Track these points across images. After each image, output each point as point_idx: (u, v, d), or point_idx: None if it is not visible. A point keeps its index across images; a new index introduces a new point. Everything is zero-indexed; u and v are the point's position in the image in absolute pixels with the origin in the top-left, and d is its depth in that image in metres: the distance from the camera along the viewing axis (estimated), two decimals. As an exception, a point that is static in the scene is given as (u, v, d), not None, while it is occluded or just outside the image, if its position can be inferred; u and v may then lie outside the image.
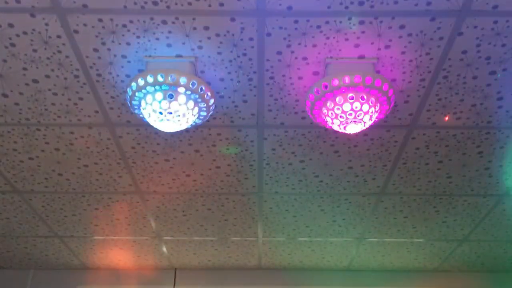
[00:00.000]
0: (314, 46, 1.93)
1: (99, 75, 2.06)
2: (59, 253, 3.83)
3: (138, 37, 1.88)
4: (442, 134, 2.42)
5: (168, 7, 1.75)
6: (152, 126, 2.39)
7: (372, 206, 3.11)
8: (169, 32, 1.86)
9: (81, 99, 2.20)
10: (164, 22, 1.81)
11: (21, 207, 3.13)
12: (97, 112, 2.29)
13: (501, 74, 2.04)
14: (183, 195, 3.00)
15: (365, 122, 1.98)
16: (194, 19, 1.81)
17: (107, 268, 4.11)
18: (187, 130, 2.41)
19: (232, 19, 1.81)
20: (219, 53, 1.96)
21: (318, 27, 1.84)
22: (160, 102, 1.88)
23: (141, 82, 1.86)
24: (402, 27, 1.83)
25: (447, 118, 2.31)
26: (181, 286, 4.06)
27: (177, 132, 2.42)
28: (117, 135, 2.45)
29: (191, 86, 1.87)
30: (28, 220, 3.31)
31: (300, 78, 2.09)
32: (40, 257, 3.90)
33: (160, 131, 2.42)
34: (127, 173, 2.76)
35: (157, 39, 1.89)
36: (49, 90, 2.15)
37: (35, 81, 2.09)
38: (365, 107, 1.91)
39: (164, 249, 3.75)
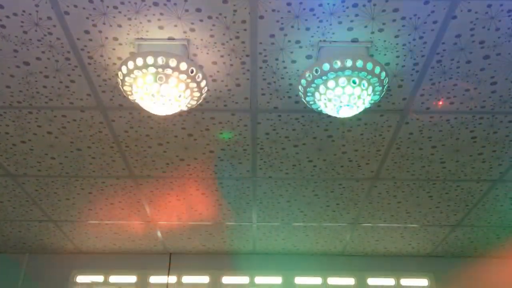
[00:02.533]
0: (307, 29, 1.91)
1: (90, 57, 2.04)
2: (53, 238, 3.83)
3: (129, 19, 1.86)
4: (436, 119, 2.42)
5: (159, -12, 1.73)
6: (145, 110, 2.38)
7: (366, 191, 3.12)
8: (161, 14, 1.84)
9: (72, 81, 2.18)
10: (156, 4, 1.79)
11: (15, 191, 3.13)
12: (89, 95, 2.27)
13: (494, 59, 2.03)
14: (176, 179, 3.00)
15: (358, 106, 1.97)
16: (186, 0, 1.79)
17: (102, 252, 4.12)
18: (180, 114, 2.40)
19: (225, 1, 1.79)
20: (211, 35, 1.94)
21: (311, 9, 1.82)
22: (151, 85, 1.87)
23: (131, 65, 1.85)
24: (395, 10, 1.82)
25: (441, 103, 2.30)
26: (176, 271, 4.08)
27: (170, 116, 2.41)
28: (109, 119, 2.44)
29: (180, 68, 1.85)
30: (22, 204, 3.31)
31: (293, 61, 2.07)
32: (34, 241, 3.90)
33: (153, 114, 2.41)
34: (120, 157, 2.76)
35: (149, 21, 1.87)
36: (40, 72, 2.13)
37: (26, 63, 2.07)
38: (357, 91, 1.90)
39: (159, 233, 3.76)
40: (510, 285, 4.00)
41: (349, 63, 1.83)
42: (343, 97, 1.93)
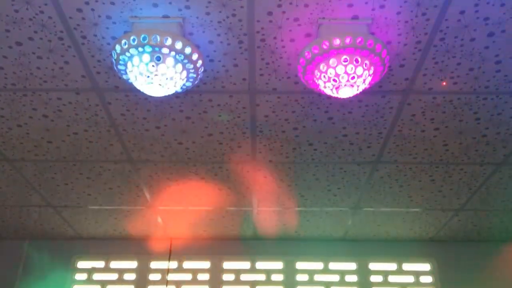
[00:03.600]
0: (306, 6, 1.85)
1: (84, 37, 1.99)
2: (53, 223, 3.82)
3: (122, -4, 1.80)
4: (439, 100, 2.37)
5: (152, -37, 1.68)
6: (141, 92, 2.33)
7: (367, 175, 3.08)
8: (155, -10, 1.78)
9: (66, 62, 2.14)
10: (149, -20, 1.74)
11: (13, 175, 3.10)
12: (83, 76, 2.22)
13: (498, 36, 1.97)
14: (175, 163, 2.96)
15: (358, 86, 1.92)
16: (180, -24, 1.73)
17: (103, 238, 4.11)
18: (177, 96, 2.35)
19: (220, -23, 1.74)
20: (207, 13, 1.89)
21: (310, -15, 1.76)
22: (145, 64, 1.82)
23: (124, 44, 1.80)
24: (397, -15, 1.76)
25: (444, 83, 2.25)
26: (176, 256, 4.06)
27: (167, 97, 2.37)
28: (105, 101, 2.40)
29: (176, 47, 1.80)
30: (21, 190, 3.28)
31: (292, 40, 2.02)
32: (34, 227, 3.89)
33: (149, 96, 2.36)
34: (117, 141, 2.72)
35: (142, -2, 1.81)
36: (33, 53, 2.08)
37: (18, 43, 2.03)
38: (359, 70, 1.85)
39: (159, 219, 3.74)
40: (513, 269, 3.97)
41: (348, 40, 1.77)
42: (343, 77, 1.88)
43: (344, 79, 1.88)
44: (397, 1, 1.82)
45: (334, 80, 1.91)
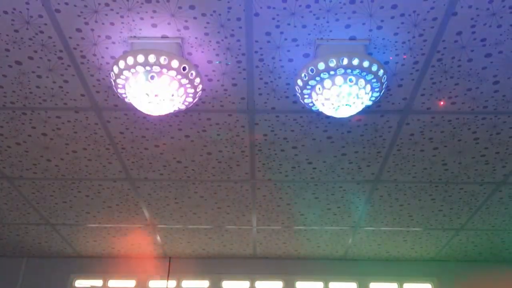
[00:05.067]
0: (304, 26, 1.87)
1: (83, 56, 2.01)
2: (51, 241, 3.80)
3: (122, 16, 1.82)
4: (437, 120, 2.37)
5: (151, -16, 1.70)
6: (140, 111, 2.34)
7: (367, 194, 3.06)
8: (154, 11, 1.80)
9: (66, 81, 2.15)
10: (148, 1, 1.75)
11: (11, 193, 3.09)
12: (83, 95, 2.23)
13: (496, 57, 1.97)
14: (174, 182, 2.95)
15: (356, 105, 1.92)
16: (179, -3, 1.75)
17: (101, 256, 4.08)
18: (176, 114, 2.36)
19: (218, -2, 1.75)
20: (206, 33, 1.90)
21: (308, 6, 1.78)
22: (143, 84, 1.82)
23: (122, 64, 1.81)
24: (394, 6, 1.77)
25: (442, 103, 2.25)
26: (175, 275, 4.03)
27: (166, 116, 2.37)
28: (104, 120, 2.40)
29: (173, 66, 1.81)
30: (19, 207, 3.27)
31: (290, 60, 2.03)
32: (32, 245, 3.86)
33: (148, 115, 2.37)
34: (116, 159, 2.72)
35: (142, 18, 1.83)
36: (33, 72, 2.09)
37: (18, 62, 2.04)
38: (355, 90, 1.85)
39: (158, 237, 3.72)
40: (515, 290, 3.93)
41: (345, 61, 1.78)
42: (341, 97, 1.89)
43: (343, 99, 1.89)
44: (394, 22, 1.84)
45: (332, 100, 1.91)
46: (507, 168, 2.74)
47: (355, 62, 1.81)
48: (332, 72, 1.86)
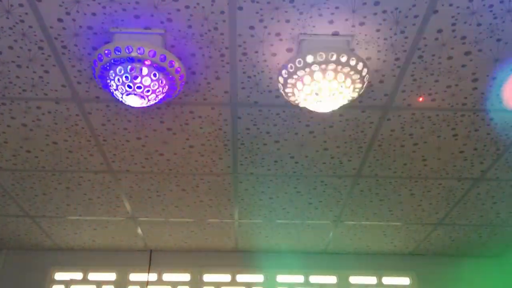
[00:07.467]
0: (288, 21, 1.87)
1: (64, 47, 1.99)
2: (31, 233, 3.76)
3: (104, 7, 1.80)
4: (417, 116, 2.40)
5: (134, -25, 1.68)
6: (122, 102, 2.32)
7: (348, 189, 3.09)
8: (137, 3, 1.78)
9: (46, 72, 2.12)
10: (131, -8, 1.74)
11: (-10, 185, 3.05)
12: (64, 86, 2.21)
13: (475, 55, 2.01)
14: (156, 175, 2.94)
15: (337, 101, 1.94)
16: (162, -11, 1.74)
17: (81, 249, 4.05)
18: (158, 107, 2.35)
19: (202, -9, 1.75)
20: (189, 26, 1.89)
21: (291, 1, 1.78)
22: (124, 75, 1.81)
23: (103, 55, 1.79)
24: (376, 3, 1.79)
25: (421, 99, 2.28)
26: (156, 268, 4.02)
27: (148, 108, 2.36)
28: (86, 111, 2.38)
29: (153, 57, 1.80)
30: (-2, 199, 3.23)
31: (273, 54, 2.04)
32: (12, 237, 3.82)
33: (130, 107, 2.36)
34: (98, 151, 2.70)
35: (124, 9, 1.81)
36: (13, 62, 2.06)
37: (-2, 52, 2.01)
38: (334, 85, 1.86)
39: (139, 230, 3.70)
40: (491, 285, 4.01)
41: (327, 56, 1.80)
42: (322, 91, 1.90)
43: (324, 94, 1.90)
44: (376, 19, 1.85)
45: (312, 95, 1.92)
46: (485, 165, 2.79)
47: (337, 57, 1.82)
48: (314, 67, 1.87)
